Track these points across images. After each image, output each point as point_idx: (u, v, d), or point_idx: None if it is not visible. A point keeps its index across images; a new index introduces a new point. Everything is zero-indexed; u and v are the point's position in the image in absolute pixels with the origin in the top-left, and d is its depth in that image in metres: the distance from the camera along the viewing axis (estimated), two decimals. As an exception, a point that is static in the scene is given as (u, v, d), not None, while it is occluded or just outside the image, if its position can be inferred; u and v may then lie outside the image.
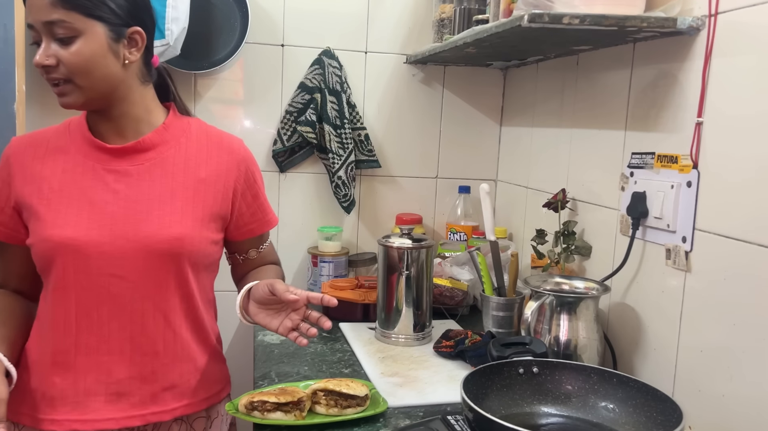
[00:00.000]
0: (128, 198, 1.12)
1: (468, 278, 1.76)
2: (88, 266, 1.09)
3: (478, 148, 2.08)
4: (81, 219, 1.09)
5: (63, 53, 1.04)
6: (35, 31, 1.05)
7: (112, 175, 1.13)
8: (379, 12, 1.95)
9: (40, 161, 1.14)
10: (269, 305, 1.14)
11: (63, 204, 1.10)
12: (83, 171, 1.12)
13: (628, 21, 1.15)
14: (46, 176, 1.12)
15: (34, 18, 1.04)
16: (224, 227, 1.22)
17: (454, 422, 1.07)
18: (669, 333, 1.23)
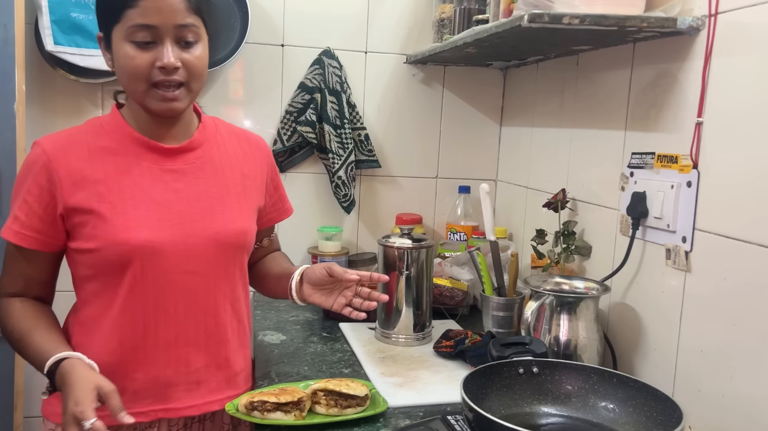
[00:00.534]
0: (190, 197, 1.15)
1: (468, 278, 1.76)
2: (165, 265, 1.11)
3: (478, 148, 2.08)
4: (152, 220, 1.11)
5: (187, 57, 1.07)
6: (152, 32, 1.04)
7: (169, 174, 1.14)
8: (379, 12, 1.95)
9: (86, 162, 1.10)
10: (324, 286, 1.27)
11: (129, 206, 1.10)
12: (140, 172, 1.12)
13: (628, 21, 1.15)
14: (100, 178, 1.10)
15: (162, 20, 1.03)
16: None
17: (454, 422, 1.07)
18: (669, 333, 1.23)
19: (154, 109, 1.09)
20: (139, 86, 1.07)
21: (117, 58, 1.07)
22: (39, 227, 1.10)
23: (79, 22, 1.70)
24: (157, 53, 1.05)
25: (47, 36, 1.68)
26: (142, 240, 1.09)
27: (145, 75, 1.05)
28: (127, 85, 1.09)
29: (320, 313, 1.73)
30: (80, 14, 1.70)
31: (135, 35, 1.04)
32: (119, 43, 1.05)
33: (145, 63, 1.04)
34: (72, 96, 1.82)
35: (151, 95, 1.07)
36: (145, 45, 1.04)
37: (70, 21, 1.69)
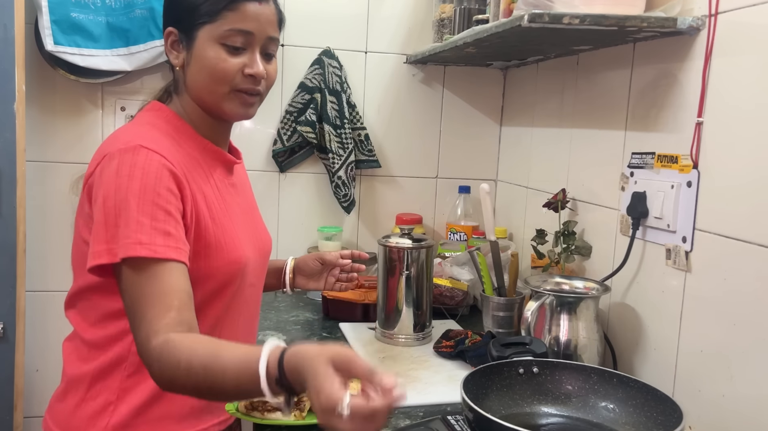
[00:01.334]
0: (246, 211, 1.17)
1: (468, 278, 1.76)
2: (246, 280, 1.12)
3: (478, 148, 2.08)
4: (243, 237, 1.11)
5: (269, 68, 1.08)
6: (247, 38, 1.03)
7: (232, 189, 1.15)
8: (379, 12, 1.95)
9: (192, 176, 1.03)
10: (315, 275, 1.38)
11: (229, 224, 1.07)
12: (220, 187, 1.10)
13: (628, 21, 1.15)
14: (207, 193, 1.05)
15: (259, 29, 1.04)
16: None
17: (454, 422, 1.07)
18: (669, 333, 1.23)
19: (230, 112, 1.07)
20: (222, 89, 1.05)
21: (201, 57, 1.03)
22: (183, 238, 0.96)
23: (79, 22, 1.70)
24: (245, 60, 1.04)
25: (47, 36, 1.68)
26: (245, 258, 1.08)
27: (231, 79, 1.04)
28: (207, 86, 1.05)
29: (320, 313, 1.73)
30: (80, 14, 1.70)
31: (230, 38, 1.03)
32: (207, 43, 1.03)
33: (234, 67, 1.03)
34: (72, 96, 1.82)
35: (231, 98, 1.06)
36: (235, 50, 1.04)
37: (70, 21, 1.69)
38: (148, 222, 0.92)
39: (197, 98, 1.08)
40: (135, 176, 0.93)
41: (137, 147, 0.96)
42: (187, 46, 1.06)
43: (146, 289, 0.90)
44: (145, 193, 0.93)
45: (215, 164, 1.11)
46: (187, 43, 1.06)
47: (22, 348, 1.68)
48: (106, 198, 0.93)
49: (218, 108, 1.07)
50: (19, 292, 1.66)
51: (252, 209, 1.23)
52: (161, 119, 1.08)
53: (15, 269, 1.65)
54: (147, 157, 0.95)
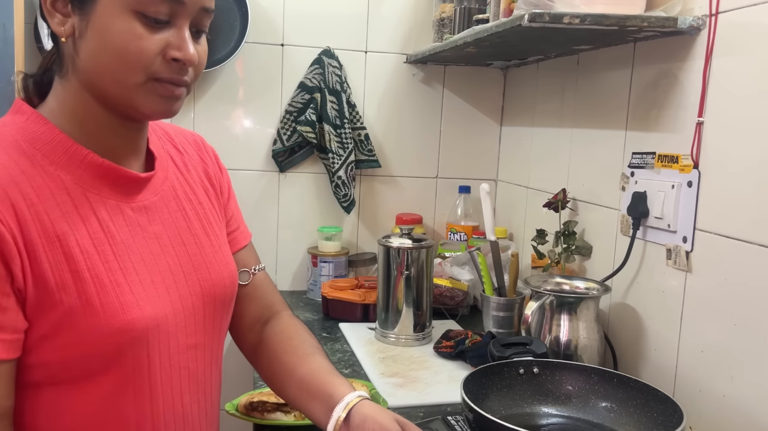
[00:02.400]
0: (173, 241, 0.84)
1: (468, 278, 1.76)
2: (167, 346, 0.80)
3: (478, 148, 2.07)
4: (148, 289, 0.78)
5: (199, 50, 0.78)
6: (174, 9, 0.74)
7: (141, 214, 0.81)
8: (379, 12, 1.95)
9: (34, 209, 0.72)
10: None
11: (113, 273, 0.76)
12: (109, 216, 0.78)
13: (628, 20, 1.15)
14: (64, 232, 0.73)
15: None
16: None
17: (454, 422, 1.07)
18: (670, 333, 1.23)
19: (145, 109, 0.77)
20: (136, 77, 0.74)
21: (104, 30, 0.73)
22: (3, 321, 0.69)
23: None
24: (168, 38, 0.74)
25: (47, 36, 1.67)
26: (147, 320, 0.77)
27: (149, 63, 0.74)
28: (112, 71, 0.74)
29: (320, 313, 1.73)
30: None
31: (150, 7, 0.72)
32: (114, 9, 0.72)
33: (154, 48, 0.73)
34: (71, 96, 1.81)
35: (147, 91, 0.75)
36: (155, 23, 0.73)
37: (70, 21, 1.69)
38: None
39: (94, 87, 0.76)
40: None
41: None
42: (81, 8, 0.73)
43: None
44: None
45: (104, 185, 0.78)
46: (81, 4, 0.73)
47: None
48: None
49: (128, 104, 0.76)
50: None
51: (191, 234, 0.87)
52: (11, 128, 0.76)
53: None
54: None
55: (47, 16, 0.75)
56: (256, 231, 1.92)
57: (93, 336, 0.73)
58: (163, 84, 0.76)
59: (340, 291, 1.71)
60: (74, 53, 0.75)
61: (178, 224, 0.86)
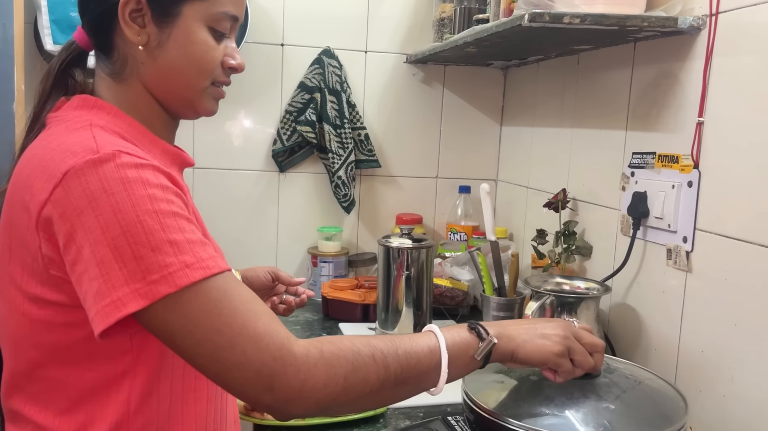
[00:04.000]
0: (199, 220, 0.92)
1: (468, 278, 1.76)
2: None
3: (478, 148, 2.07)
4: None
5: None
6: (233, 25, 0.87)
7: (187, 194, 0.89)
8: (379, 12, 1.95)
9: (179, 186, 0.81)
10: (260, 291, 1.21)
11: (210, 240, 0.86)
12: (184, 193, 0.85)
13: (628, 20, 1.15)
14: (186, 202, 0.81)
15: (241, 14, 0.88)
16: None
17: (454, 422, 1.07)
18: (670, 333, 1.23)
19: (203, 110, 0.89)
20: (204, 83, 0.86)
21: (186, 42, 0.82)
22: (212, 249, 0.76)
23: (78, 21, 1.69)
24: (224, 49, 0.86)
25: (46, 36, 1.68)
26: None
27: (214, 70, 0.86)
28: (188, 77, 0.84)
29: (320, 313, 1.73)
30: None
31: (219, 23, 0.84)
32: (194, 24, 0.82)
33: (219, 57, 0.86)
34: (71, 96, 1.81)
35: (209, 94, 0.88)
36: (220, 37, 0.85)
37: (70, 20, 1.69)
38: (181, 238, 0.71)
39: (163, 90, 0.86)
40: (135, 190, 0.70)
41: (116, 153, 0.72)
42: (161, 22, 0.82)
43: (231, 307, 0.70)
44: (159, 204, 0.71)
45: (175, 169, 0.89)
46: (162, 19, 0.82)
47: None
48: (105, 228, 0.68)
49: (190, 105, 0.87)
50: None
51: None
52: (104, 121, 0.81)
53: (14, 269, 1.65)
54: (135, 162, 0.72)
55: (123, 26, 0.82)
56: (256, 231, 1.93)
57: None
58: (217, 88, 0.89)
59: (340, 291, 1.71)
60: (147, 59, 0.83)
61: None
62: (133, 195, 0.70)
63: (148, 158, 0.75)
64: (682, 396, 0.96)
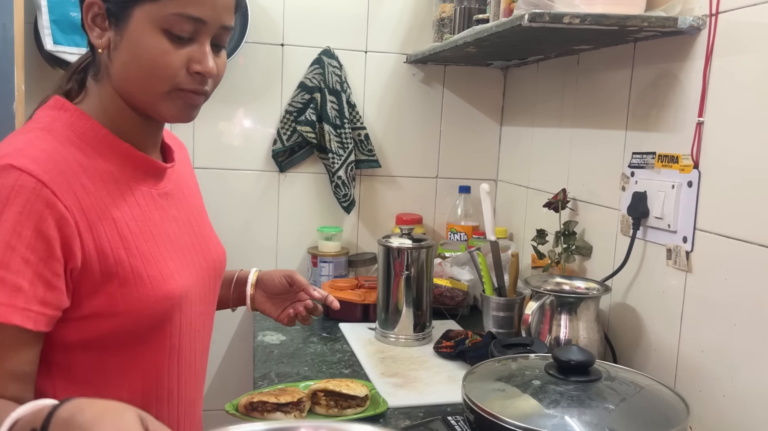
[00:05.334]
0: (186, 224, 0.96)
1: (468, 278, 1.76)
2: (192, 313, 0.93)
3: (478, 148, 2.07)
4: (177, 263, 0.90)
5: (219, 63, 0.88)
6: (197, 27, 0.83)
7: (164, 199, 0.93)
8: (379, 12, 1.95)
9: (94, 192, 0.82)
10: (278, 295, 1.19)
11: (154, 249, 0.87)
12: (145, 202, 0.89)
13: (628, 20, 1.15)
14: (118, 217, 0.84)
15: (214, 16, 0.84)
16: None
17: (455, 422, 1.07)
18: (670, 333, 1.23)
19: (167, 115, 0.87)
20: (160, 87, 0.84)
21: (135, 44, 0.82)
22: (46, 297, 0.76)
23: (78, 21, 1.69)
24: (191, 53, 0.84)
25: (47, 36, 1.68)
26: (181, 289, 0.89)
27: (173, 76, 0.83)
28: (140, 81, 0.84)
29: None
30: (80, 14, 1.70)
31: (175, 25, 0.82)
32: (146, 27, 0.81)
33: (179, 62, 0.83)
34: (71, 96, 1.81)
35: (171, 98, 0.85)
36: (179, 40, 0.83)
37: (70, 20, 1.69)
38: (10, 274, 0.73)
39: (124, 93, 0.86)
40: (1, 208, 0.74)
41: (6, 167, 0.75)
42: (117, 25, 0.83)
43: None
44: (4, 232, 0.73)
45: (138, 174, 0.89)
46: (117, 22, 0.83)
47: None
48: None
49: (152, 109, 0.86)
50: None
51: (196, 218, 1.00)
52: (61, 122, 0.85)
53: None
54: (17, 181, 0.74)
55: (87, 29, 0.85)
56: (256, 231, 1.93)
57: (143, 303, 0.84)
58: (185, 93, 0.85)
59: (340, 291, 1.71)
60: (109, 63, 0.85)
61: (187, 209, 0.98)
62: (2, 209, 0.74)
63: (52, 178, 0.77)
64: (682, 399, 0.96)
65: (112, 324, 0.83)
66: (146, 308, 0.85)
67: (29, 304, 0.75)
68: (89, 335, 0.83)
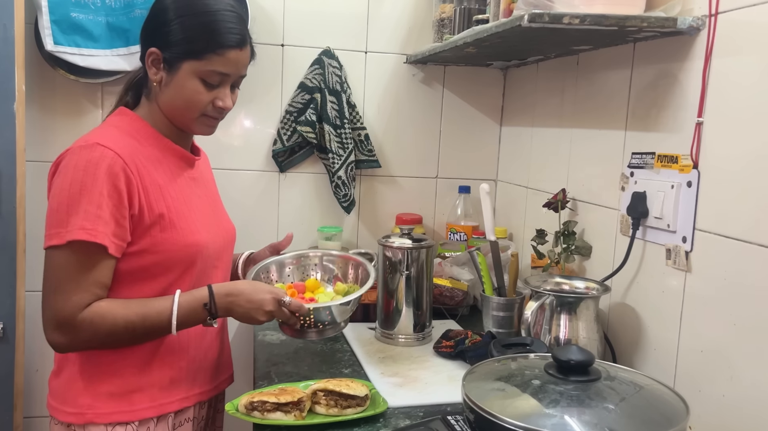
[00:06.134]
0: (206, 201, 1.31)
1: (468, 278, 1.76)
2: (207, 262, 1.24)
3: (478, 148, 2.08)
4: (202, 224, 1.24)
5: (233, 97, 1.24)
6: (224, 79, 1.19)
7: (193, 182, 1.28)
8: (379, 12, 1.95)
9: (151, 168, 1.18)
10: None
11: (186, 211, 1.21)
12: (179, 180, 1.24)
13: (628, 21, 1.15)
14: (162, 185, 1.18)
15: (236, 71, 1.19)
16: None
17: (454, 422, 1.07)
18: (669, 333, 1.23)
19: (196, 131, 1.25)
20: (193, 115, 1.20)
21: (180, 87, 1.17)
22: (117, 231, 1.11)
23: (78, 21, 1.70)
24: (217, 94, 1.19)
25: (47, 36, 1.68)
26: (203, 241, 1.22)
27: (203, 108, 1.19)
28: (179, 110, 1.20)
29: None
30: (80, 14, 1.70)
31: (210, 77, 1.17)
32: (189, 75, 1.17)
33: (208, 100, 1.19)
34: (72, 96, 1.82)
35: (199, 122, 1.22)
36: (211, 86, 1.18)
37: (70, 21, 1.69)
38: (93, 211, 1.08)
39: (167, 113, 1.22)
40: (89, 171, 1.09)
41: (94, 145, 1.11)
42: (168, 70, 1.18)
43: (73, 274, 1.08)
44: (91, 186, 1.08)
45: (176, 160, 1.25)
46: (169, 68, 1.18)
47: (22, 348, 1.68)
48: (62, 189, 1.09)
49: (186, 126, 1.24)
50: (19, 292, 1.66)
51: (214, 200, 1.37)
52: (125, 122, 1.22)
53: (15, 269, 1.65)
54: (101, 153, 1.10)
55: (146, 67, 1.21)
56: (256, 231, 1.93)
57: (175, 245, 1.17)
58: (209, 119, 1.23)
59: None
60: (158, 92, 1.21)
61: (208, 193, 1.34)
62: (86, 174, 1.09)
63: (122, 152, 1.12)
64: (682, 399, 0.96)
65: (154, 258, 1.16)
66: (177, 251, 1.18)
67: (107, 232, 1.09)
68: (140, 264, 1.15)
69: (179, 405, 1.24)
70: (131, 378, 1.18)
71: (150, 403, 1.19)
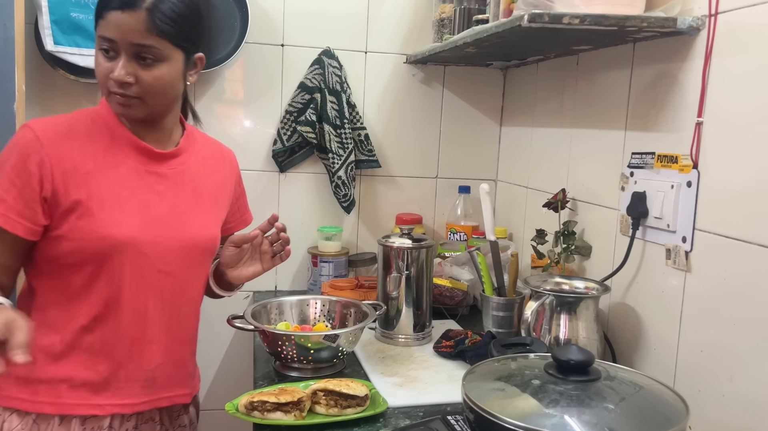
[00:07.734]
0: (169, 200, 1.19)
1: (468, 278, 1.76)
2: (141, 263, 1.15)
3: (478, 148, 2.08)
4: (135, 219, 1.14)
5: (144, 74, 1.10)
6: (112, 45, 1.08)
7: (152, 177, 1.18)
8: (379, 12, 1.95)
9: (77, 152, 1.12)
10: (242, 259, 1.31)
11: (116, 203, 1.13)
12: (128, 171, 1.16)
13: (628, 21, 1.15)
14: (90, 170, 1.12)
15: (120, 36, 1.07)
16: None
17: (454, 422, 1.07)
18: (669, 332, 1.23)
19: (116, 112, 1.15)
20: (103, 90, 1.13)
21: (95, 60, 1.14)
22: (24, 211, 1.09)
23: (78, 21, 1.70)
24: (113, 65, 1.09)
25: (47, 36, 1.68)
26: (124, 237, 1.12)
27: (105, 81, 1.11)
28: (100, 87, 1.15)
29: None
30: (80, 14, 1.70)
31: (101, 44, 1.10)
32: (97, 47, 1.12)
33: (105, 71, 1.10)
34: (72, 96, 1.82)
35: (110, 99, 1.13)
36: (107, 54, 1.10)
37: (70, 21, 1.69)
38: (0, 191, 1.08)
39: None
40: (7, 150, 1.11)
41: (23, 126, 1.13)
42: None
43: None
44: (3, 164, 1.09)
45: (130, 151, 1.17)
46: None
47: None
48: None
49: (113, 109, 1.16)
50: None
51: (189, 202, 1.23)
52: (88, 110, 1.20)
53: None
54: (22, 134, 1.11)
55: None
56: (256, 231, 1.93)
57: (89, 235, 1.11)
58: (115, 96, 1.12)
59: (340, 291, 1.71)
60: None
61: (180, 193, 1.21)
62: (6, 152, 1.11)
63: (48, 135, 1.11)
64: (682, 399, 0.97)
65: (69, 246, 1.11)
66: (90, 241, 1.11)
67: (9, 212, 1.08)
68: (58, 251, 1.12)
69: (87, 411, 1.14)
70: (42, 366, 1.13)
71: (53, 399, 1.13)
